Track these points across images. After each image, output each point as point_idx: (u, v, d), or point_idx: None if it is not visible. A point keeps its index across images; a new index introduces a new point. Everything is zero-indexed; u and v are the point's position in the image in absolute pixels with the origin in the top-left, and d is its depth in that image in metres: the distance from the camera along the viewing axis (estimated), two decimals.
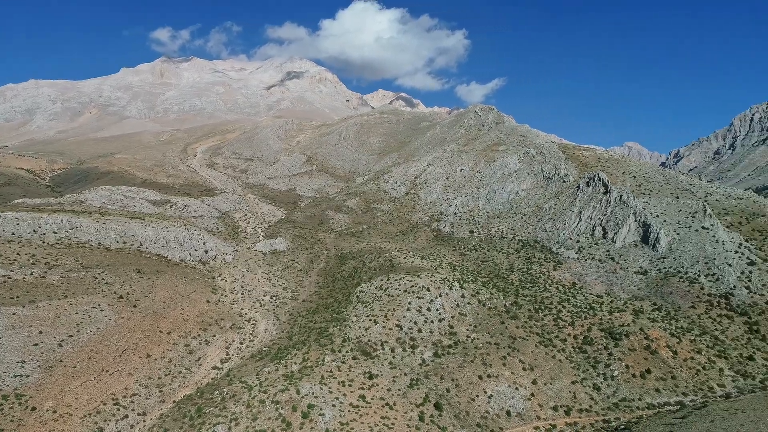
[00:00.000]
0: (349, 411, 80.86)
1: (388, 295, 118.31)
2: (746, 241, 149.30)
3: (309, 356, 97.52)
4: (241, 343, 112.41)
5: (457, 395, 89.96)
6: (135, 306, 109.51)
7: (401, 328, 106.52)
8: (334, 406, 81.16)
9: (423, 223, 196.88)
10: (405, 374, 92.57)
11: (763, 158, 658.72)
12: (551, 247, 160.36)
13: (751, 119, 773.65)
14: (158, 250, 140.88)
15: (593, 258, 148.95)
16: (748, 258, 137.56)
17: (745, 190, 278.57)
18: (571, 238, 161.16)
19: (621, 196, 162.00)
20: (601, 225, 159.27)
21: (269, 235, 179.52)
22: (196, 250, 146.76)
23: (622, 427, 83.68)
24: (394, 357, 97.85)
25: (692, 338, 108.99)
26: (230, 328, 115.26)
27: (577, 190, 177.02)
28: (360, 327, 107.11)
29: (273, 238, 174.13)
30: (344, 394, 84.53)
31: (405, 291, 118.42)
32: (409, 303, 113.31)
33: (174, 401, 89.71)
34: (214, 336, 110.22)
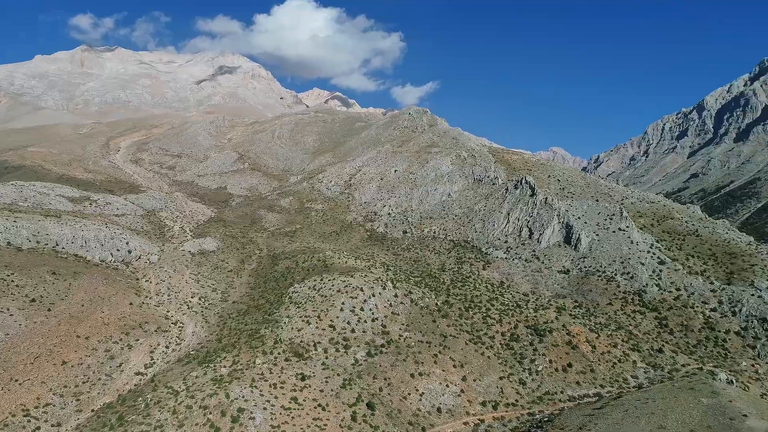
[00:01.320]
0: (280, 413, 79.64)
1: (322, 296, 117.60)
2: (657, 241, 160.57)
3: (239, 359, 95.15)
4: (167, 347, 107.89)
5: (389, 394, 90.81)
6: (49, 310, 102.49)
7: (334, 329, 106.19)
8: (265, 409, 79.66)
9: (357, 223, 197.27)
10: (338, 375, 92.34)
11: (672, 165, 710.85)
12: (481, 247, 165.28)
13: (663, 128, 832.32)
14: (76, 250, 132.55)
15: (520, 258, 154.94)
16: (658, 258, 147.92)
17: (657, 194, 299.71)
18: (499, 239, 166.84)
19: (546, 198, 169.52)
20: (527, 226, 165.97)
21: (198, 234, 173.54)
22: (118, 250, 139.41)
23: (546, 419, 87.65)
24: (327, 358, 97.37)
25: (609, 333, 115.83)
26: (155, 331, 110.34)
27: (506, 193, 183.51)
28: (293, 328, 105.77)
29: (202, 237, 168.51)
30: (276, 397, 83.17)
31: (338, 291, 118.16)
32: (343, 303, 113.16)
33: (93, 410, 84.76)
34: (138, 340, 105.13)
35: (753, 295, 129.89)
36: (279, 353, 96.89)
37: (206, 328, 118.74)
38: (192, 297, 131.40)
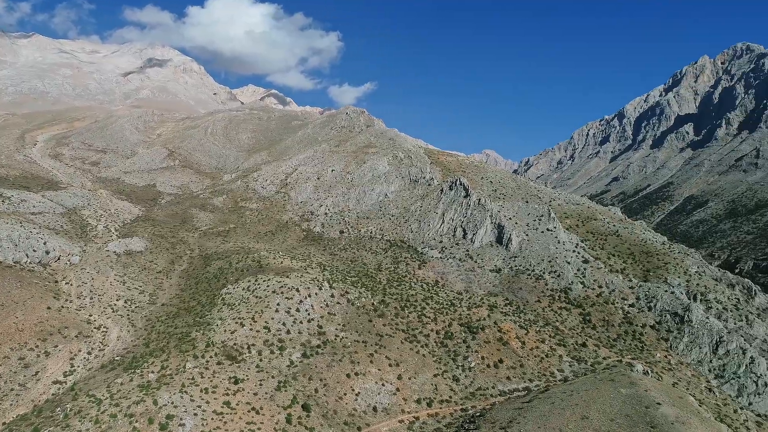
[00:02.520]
0: (212, 419, 77.29)
1: (256, 297, 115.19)
2: (582, 241, 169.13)
3: (168, 364, 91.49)
4: (89, 353, 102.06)
5: (325, 395, 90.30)
6: None
7: (269, 330, 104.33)
8: (195, 414, 77.04)
9: (293, 223, 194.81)
10: (273, 377, 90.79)
11: (596, 169, 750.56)
12: (417, 246, 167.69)
13: (587, 134, 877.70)
14: None
15: (454, 257, 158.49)
16: (583, 257, 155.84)
17: (582, 196, 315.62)
18: (434, 239, 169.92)
19: (479, 199, 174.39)
20: (461, 226, 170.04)
21: (124, 234, 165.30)
22: (34, 251, 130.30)
23: (478, 414, 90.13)
24: (261, 360, 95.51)
25: (537, 329, 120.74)
26: (76, 337, 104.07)
27: (441, 194, 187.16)
28: (225, 330, 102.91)
29: (128, 237, 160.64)
30: (207, 402, 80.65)
31: (274, 292, 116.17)
32: (278, 304, 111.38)
33: (4, 423, 78.80)
34: (56, 347, 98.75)
35: (666, 291, 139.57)
36: (211, 357, 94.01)
37: (133, 332, 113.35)
38: (117, 300, 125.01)
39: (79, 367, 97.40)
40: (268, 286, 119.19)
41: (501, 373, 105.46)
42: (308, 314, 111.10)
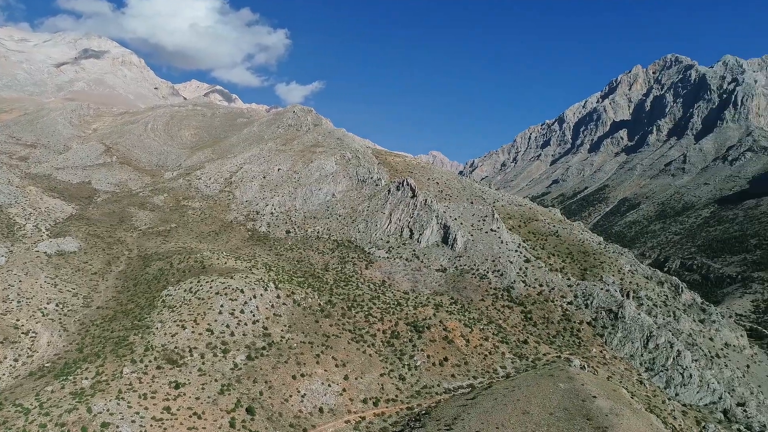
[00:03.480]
0: (151, 426, 74.53)
1: (199, 299, 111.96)
2: (524, 241, 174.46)
3: (104, 369, 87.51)
4: (15, 360, 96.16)
5: (270, 397, 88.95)
6: None
7: (212, 333, 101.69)
8: (133, 422, 74.06)
9: (238, 223, 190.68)
10: (216, 380, 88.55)
11: (537, 171, 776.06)
12: (364, 246, 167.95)
13: (530, 138, 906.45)
14: None
15: (401, 257, 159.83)
16: (525, 256, 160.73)
17: (524, 197, 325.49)
18: (382, 239, 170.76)
19: (426, 200, 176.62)
20: (408, 226, 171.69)
21: (56, 233, 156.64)
22: None
23: (424, 412, 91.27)
24: (204, 363, 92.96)
25: (481, 327, 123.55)
26: (1, 343, 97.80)
27: (388, 194, 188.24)
28: (166, 334, 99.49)
29: (60, 237, 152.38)
30: (146, 408, 77.68)
31: (217, 293, 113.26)
32: (222, 306, 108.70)
33: None
34: None
35: (602, 289, 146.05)
36: (150, 361, 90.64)
37: (65, 337, 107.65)
38: (48, 303, 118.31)
39: (4, 375, 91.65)
40: (211, 287, 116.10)
41: (446, 371, 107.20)
42: (253, 316, 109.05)
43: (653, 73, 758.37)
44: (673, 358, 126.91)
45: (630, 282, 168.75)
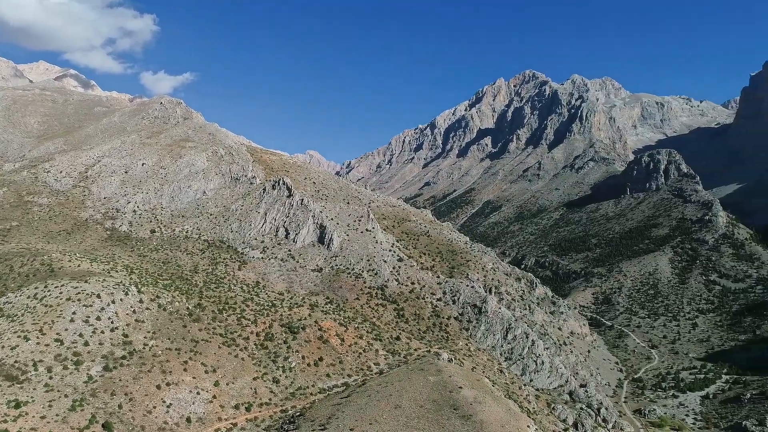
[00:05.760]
0: None
1: (46, 306, 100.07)
2: (397, 241, 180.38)
3: None
4: None
5: (131, 410, 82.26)
6: None
7: (62, 343, 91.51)
8: None
9: (95, 221, 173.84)
10: (66, 396, 79.85)
11: (410, 174, 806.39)
12: (237, 247, 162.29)
13: (404, 141, 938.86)
14: None
15: (276, 257, 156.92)
16: (398, 255, 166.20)
17: (398, 199, 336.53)
18: (256, 239, 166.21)
19: (302, 199, 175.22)
20: (284, 226, 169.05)
21: None
22: None
23: (298, 414, 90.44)
24: (51, 378, 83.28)
25: (356, 326, 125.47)
26: None
27: (264, 193, 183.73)
28: (4, 347, 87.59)
29: None
30: None
31: (69, 299, 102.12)
32: (74, 313, 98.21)
33: None
34: None
35: (468, 285, 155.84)
36: None
37: None
38: None
39: None
40: (61, 292, 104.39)
41: (321, 371, 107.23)
42: (112, 322, 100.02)
43: (514, 86, 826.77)
44: (528, 348, 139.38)
45: (492, 279, 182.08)
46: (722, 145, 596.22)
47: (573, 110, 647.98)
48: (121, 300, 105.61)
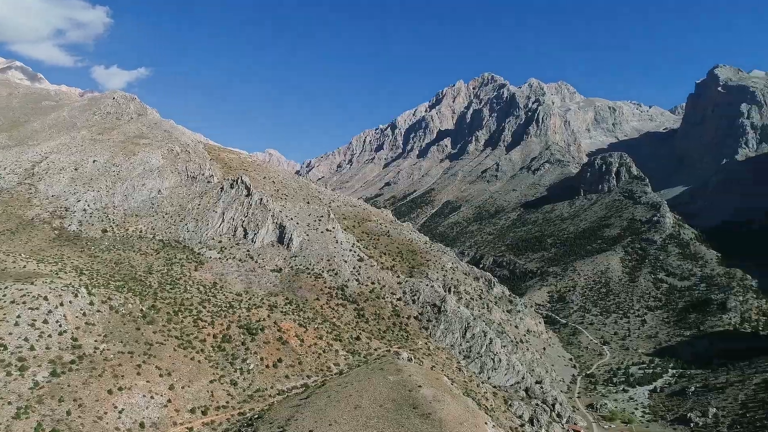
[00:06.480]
0: None
1: None
2: (358, 241, 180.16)
3: None
4: None
5: (80, 416, 79.21)
6: None
7: (5, 348, 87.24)
8: None
9: (42, 220, 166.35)
10: (9, 403, 76.19)
11: (371, 174, 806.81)
12: (194, 247, 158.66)
13: (365, 141, 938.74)
14: None
15: (234, 258, 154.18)
16: (358, 255, 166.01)
17: (359, 199, 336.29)
18: (213, 239, 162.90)
19: (261, 199, 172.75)
20: (242, 226, 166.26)
21: None
22: None
23: (256, 416, 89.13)
24: None
25: (316, 326, 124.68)
26: None
27: (221, 192, 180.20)
28: None
29: None
30: None
31: (13, 302, 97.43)
32: (18, 316, 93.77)
33: None
34: None
35: (427, 285, 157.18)
36: None
37: None
38: None
39: None
40: (5, 295, 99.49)
41: (280, 373, 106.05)
42: (60, 326, 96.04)
43: (473, 88, 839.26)
44: (486, 346, 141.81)
45: (452, 278, 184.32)
46: (670, 149, 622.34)
47: (530, 113, 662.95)
48: (70, 302, 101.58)
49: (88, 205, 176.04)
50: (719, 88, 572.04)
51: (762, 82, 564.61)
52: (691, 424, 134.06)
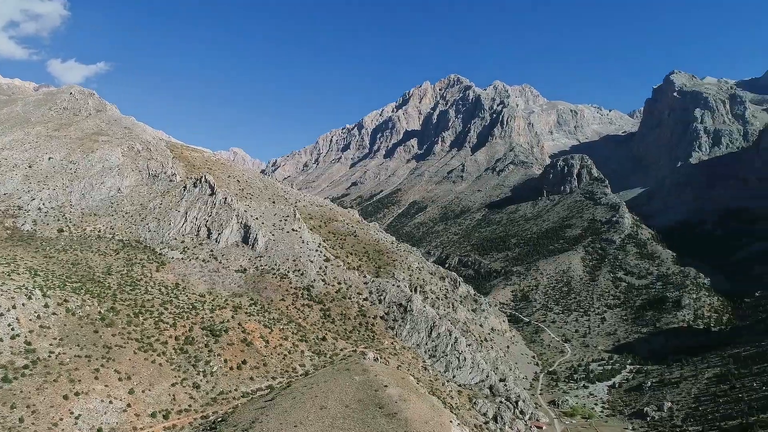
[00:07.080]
0: None
1: None
2: (324, 241, 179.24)
3: None
4: None
5: (34, 423, 76.27)
6: None
7: None
8: None
9: None
10: None
11: (338, 173, 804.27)
12: (155, 247, 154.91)
13: (331, 140, 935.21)
14: None
15: (197, 258, 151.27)
16: (324, 255, 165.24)
17: (325, 198, 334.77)
18: (176, 239, 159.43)
19: (226, 198, 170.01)
20: (206, 226, 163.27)
21: None
22: None
23: (220, 419, 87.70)
24: None
25: (281, 327, 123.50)
26: None
27: (184, 191, 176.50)
28: None
29: None
30: None
31: None
32: None
33: None
34: None
35: (394, 285, 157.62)
36: None
37: None
38: None
39: None
40: None
41: (244, 374, 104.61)
42: (12, 330, 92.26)
43: (440, 89, 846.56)
44: (452, 345, 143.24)
45: (418, 278, 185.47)
46: (628, 151, 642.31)
47: (495, 115, 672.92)
48: (23, 305, 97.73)
49: (43, 204, 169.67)
50: (675, 94, 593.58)
51: (714, 89, 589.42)
52: (648, 418, 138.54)
